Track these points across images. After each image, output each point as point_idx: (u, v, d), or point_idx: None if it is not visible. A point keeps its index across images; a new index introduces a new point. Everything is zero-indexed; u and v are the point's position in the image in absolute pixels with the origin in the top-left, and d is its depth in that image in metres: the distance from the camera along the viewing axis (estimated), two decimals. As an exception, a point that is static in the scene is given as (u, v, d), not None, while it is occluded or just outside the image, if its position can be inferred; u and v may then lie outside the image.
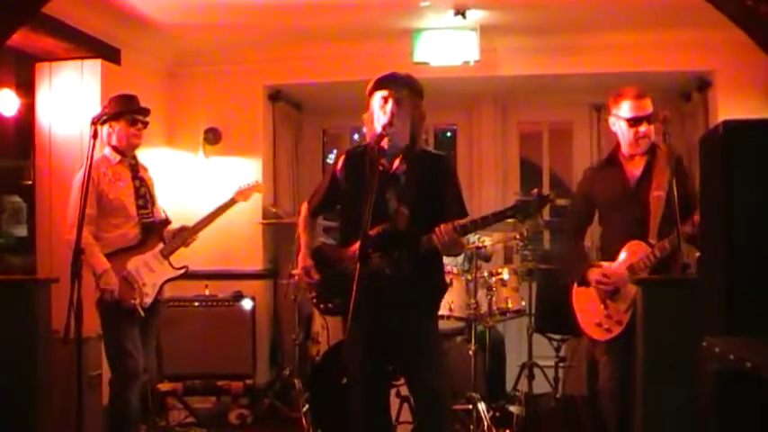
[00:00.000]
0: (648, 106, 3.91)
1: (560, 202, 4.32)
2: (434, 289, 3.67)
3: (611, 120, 4.04)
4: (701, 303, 2.27)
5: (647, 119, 3.88)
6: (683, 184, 3.79)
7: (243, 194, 5.02)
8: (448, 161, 3.80)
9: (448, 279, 5.09)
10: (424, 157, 3.61)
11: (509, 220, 5.04)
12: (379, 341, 3.47)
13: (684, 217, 3.71)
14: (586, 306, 4.04)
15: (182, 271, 4.65)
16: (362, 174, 3.46)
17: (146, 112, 4.59)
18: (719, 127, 2.18)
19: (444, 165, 3.67)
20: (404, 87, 3.51)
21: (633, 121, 3.90)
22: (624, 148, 4.00)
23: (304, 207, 3.89)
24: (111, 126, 4.48)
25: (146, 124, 4.59)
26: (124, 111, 4.49)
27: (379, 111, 3.48)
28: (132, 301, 4.35)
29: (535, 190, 3.37)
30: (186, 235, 4.68)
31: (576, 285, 4.12)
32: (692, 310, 2.37)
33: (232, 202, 4.95)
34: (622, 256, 3.93)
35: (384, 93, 3.48)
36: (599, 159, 4.44)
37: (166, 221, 4.68)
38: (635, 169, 3.99)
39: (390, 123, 3.43)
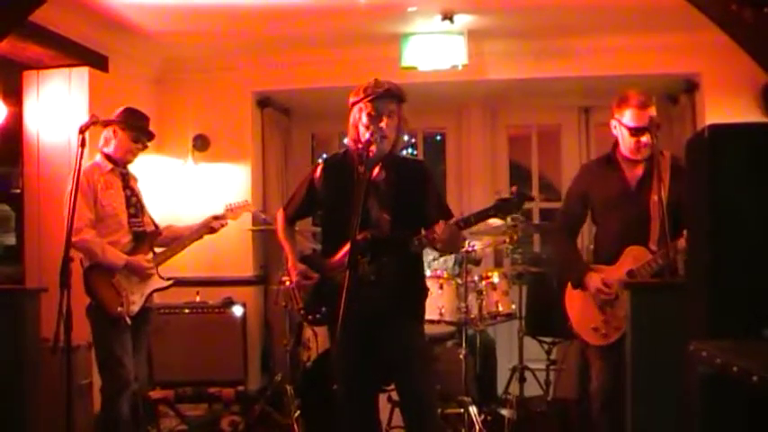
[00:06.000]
0: (652, 116, 3.83)
1: (545, 205, 4.34)
2: (417, 294, 3.69)
3: (613, 123, 3.96)
4: (688, 307, 2.27)
5: (650, 129, 3.81)
6: (679, 192, 3.68)
7: (233, 212, 5.02)
8: (425, 167, 3.81)
9: (438, 283, 5.13)
10: (401, 164, 3.68)
11: (499, 224, 5.14)
12: (367, 347, 3.49)
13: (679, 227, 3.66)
14: (582, 309, 3.97)
15: (169, 282, 4.63)
16: (342, 181, 3.50)
17: (151, 137, 4.65)
18: (705, 131, 2.18)
19: (422, 171, 3.70)
20: (394, 101, 3.54)
21: (635, 131, 3.85)
22: (624, 152, 3.95)
23: (280, 215, 3.90)
24: (114, 132, 4.47)
25: (145, 147, 4.63)
26: (135, 125, 4.52)
27: (367, 119, 3.50)
28: (118, 309, 4.33)
29: (514, 187, 3.39)
30: (176, 247, 4.67)
31: (569, 287, 4.06)
32: (680, 314, 2.37)
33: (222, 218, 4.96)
34: (622, 260, 3.87)
35: (376, 107, 3.49)
36: (597, 157, 4.33)
37: (157, 232, 4.67)
38: (635, 171, 3.94)
39: (383, 137, 3.47)
